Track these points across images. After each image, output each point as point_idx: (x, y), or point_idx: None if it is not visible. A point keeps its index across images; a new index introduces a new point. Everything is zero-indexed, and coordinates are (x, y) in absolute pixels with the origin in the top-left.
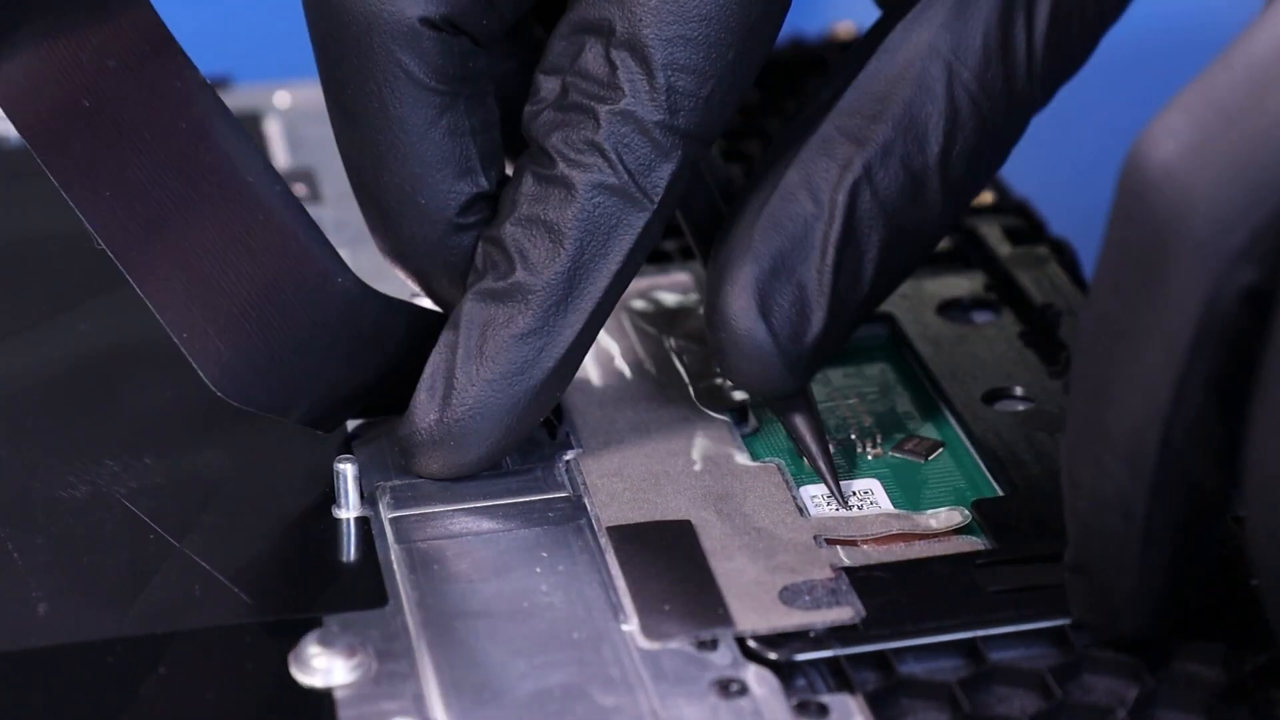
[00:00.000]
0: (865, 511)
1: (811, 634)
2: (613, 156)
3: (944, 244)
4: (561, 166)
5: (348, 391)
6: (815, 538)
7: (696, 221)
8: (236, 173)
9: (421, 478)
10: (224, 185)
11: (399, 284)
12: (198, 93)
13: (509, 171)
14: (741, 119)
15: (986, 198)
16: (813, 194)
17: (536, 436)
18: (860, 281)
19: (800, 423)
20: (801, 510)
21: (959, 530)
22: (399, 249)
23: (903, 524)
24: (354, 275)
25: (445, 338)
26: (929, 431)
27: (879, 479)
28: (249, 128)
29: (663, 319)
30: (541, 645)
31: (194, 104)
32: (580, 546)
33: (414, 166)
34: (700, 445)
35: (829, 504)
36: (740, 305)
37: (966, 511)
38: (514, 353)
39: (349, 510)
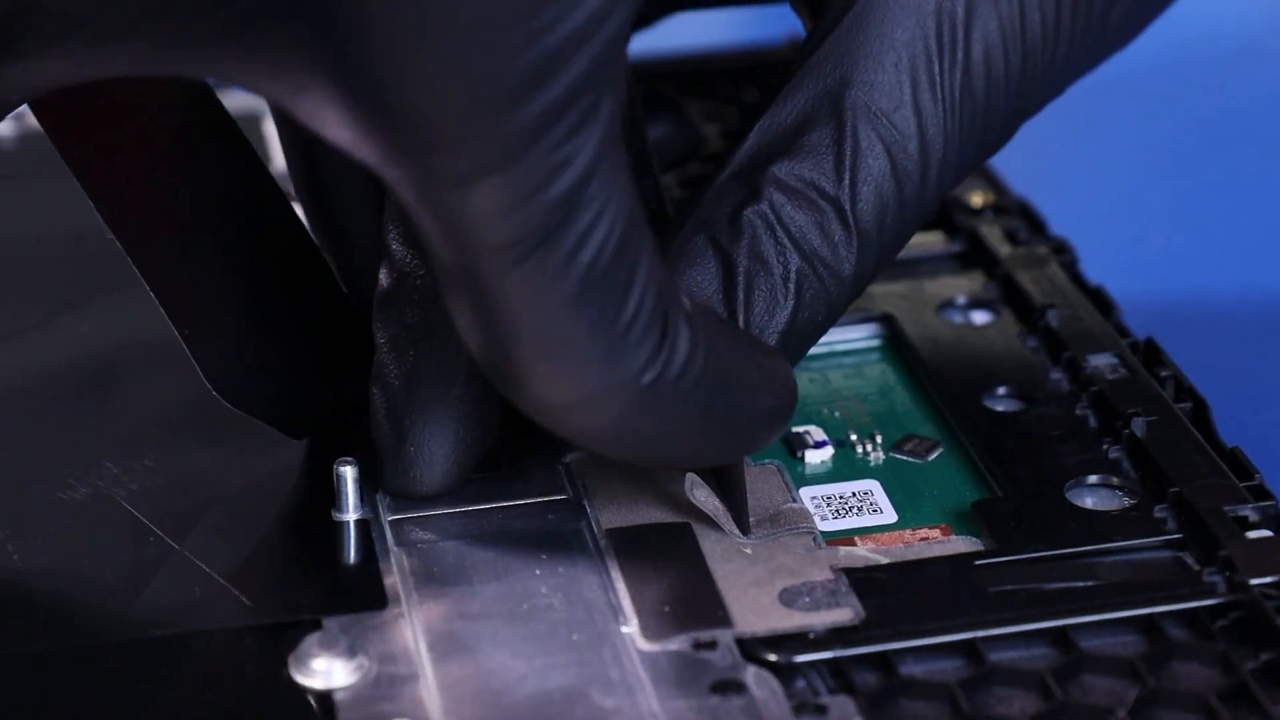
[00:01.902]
0: (863, 513)
1: (811, 635)
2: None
3: (944, 245)
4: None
5: (344, 400)
6: (814, 538)
7: None
8: (239, 176)
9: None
10: (230, 189)
11: None
12: (203, 94)
13: None
14: (739, 121)
15: (987, 198)
16: (724, 221)
17: (537, 438)
18: (776, 308)
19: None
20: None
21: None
22: None
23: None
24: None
25: None
26: (928, 432)
27: (878, 479)
28: (247, 130)
29: None
30: (541, 647)
31: (200, 106)
32: (580, 549)
33: None
34: None
35: (828, 505)
36: None
37: None
38: None
39: (349, 512)
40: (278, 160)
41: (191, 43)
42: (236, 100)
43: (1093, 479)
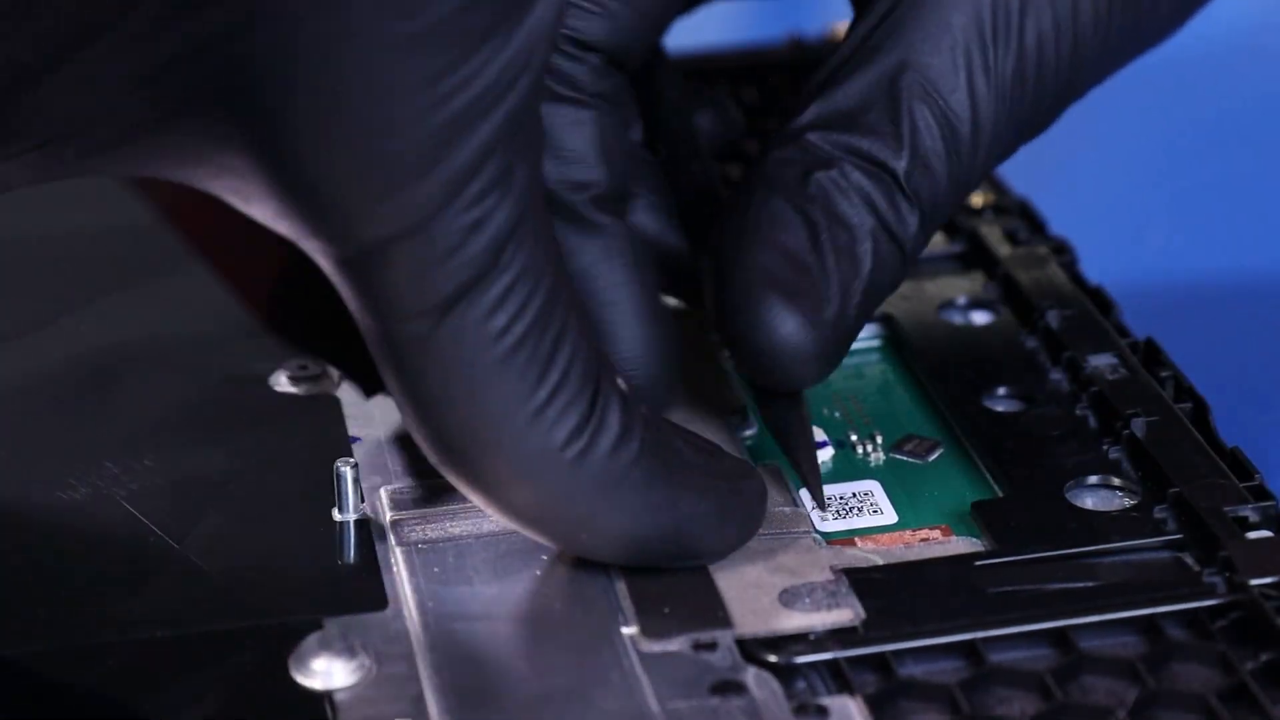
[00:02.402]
0: (864, 514)
1: (811, 636)
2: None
3: (944, 245)
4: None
5: None
6: (815, 539)
7: (687, 199)
8: None
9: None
10: None
11: None
12: None
13: None
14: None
15: (987, 198)
16: (796, 183)
17: None
18: (859, 264)
19: (795, 428)
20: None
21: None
22: None
23: None
24: None
25: None
26: (928, 432)
27: (878, 480)
28: None
29: None
30: (542, 648)
31: None
32: None
33: None
34: None
35: (829, 506)
36: (761, 291)
37: None
38: None
39: (349, 513)
40: None
41: (130, 135)
42: None
43: (1093, 479)
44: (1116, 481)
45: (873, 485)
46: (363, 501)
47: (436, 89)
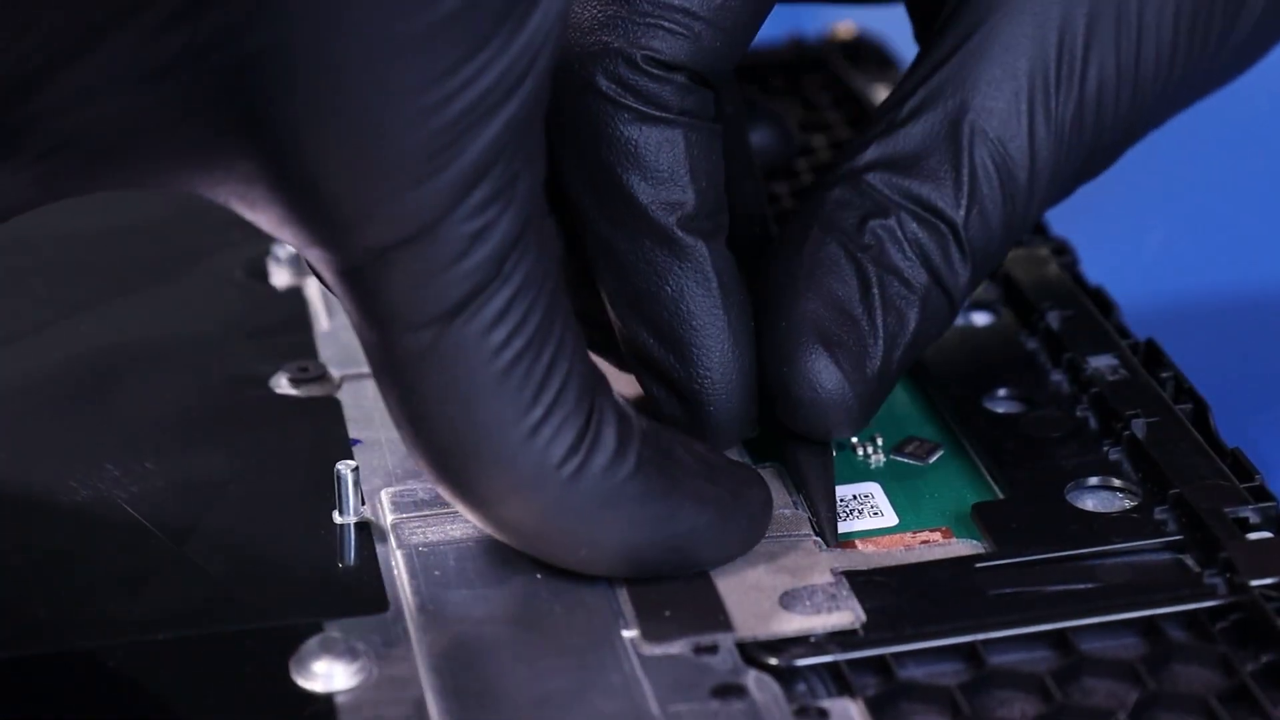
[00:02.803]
0: (864, 516)
1: (812, 639)
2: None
3: None
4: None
5: None
6: (815, 542)
7: (736, 217)
8: None
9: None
10: None
11: None
12: None
13: None
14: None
15: None
16: (852, 229)
17: None
18: (906, 319)
19: (817, 473)
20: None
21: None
22: None
23: None
24: None
25: None
26: (929, 434)
27: (878, 482)
28: None
29: None
30: (542, 651)
31: None
32: None
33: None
34: None
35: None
36: (807, 342)
37: None
38: None
39: (350, 515)
40: None
41: (132, 142)
42: None
43: (1093, 481)
44: (1117, 483)
45: (873, 487)
46: (363, 504)
47: (436, 91)
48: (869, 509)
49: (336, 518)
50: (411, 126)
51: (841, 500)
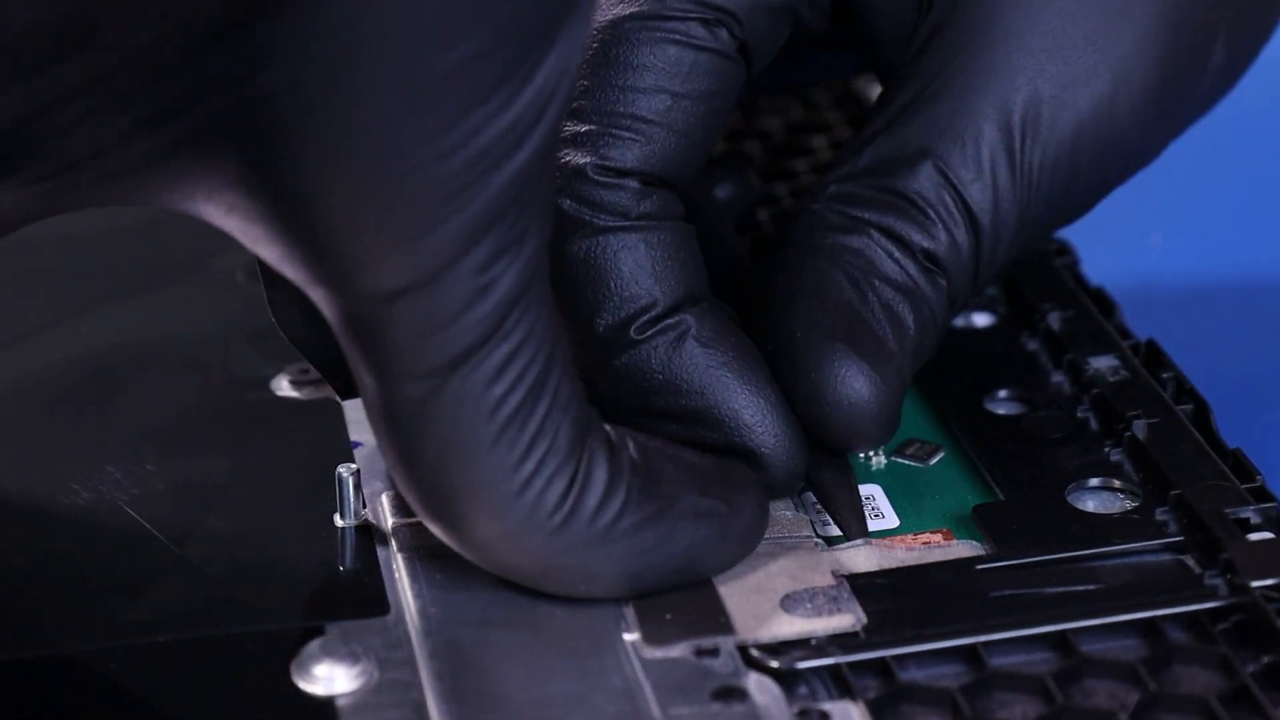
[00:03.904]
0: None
1: (813, 641)
2: None
3: None
4: None
5: None
6: (816, 544)
7: (716, 269)
8: None
9: None
10: None
11: None
12: None
13: None
14: (743, 121)
15: None
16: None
17: None
18: (903, 321)
19: (843, 491)
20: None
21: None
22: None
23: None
24: None
25: None
26: (930, 436)
27: (880, 484)
28: None
29: None
30: (543, 653)
31: None
32: None
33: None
34: None
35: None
36: (828, 345)
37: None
38: None
39: (351, 518)
40: None
41: (139, 170)
42: None
43: (1094, 482)
44: (1118, 484)
45: (874, 489)
46: (364, 507)
47: (447, 138)
48: (870, 511)
49: (337, 520)
50: (420, 172)
51: None
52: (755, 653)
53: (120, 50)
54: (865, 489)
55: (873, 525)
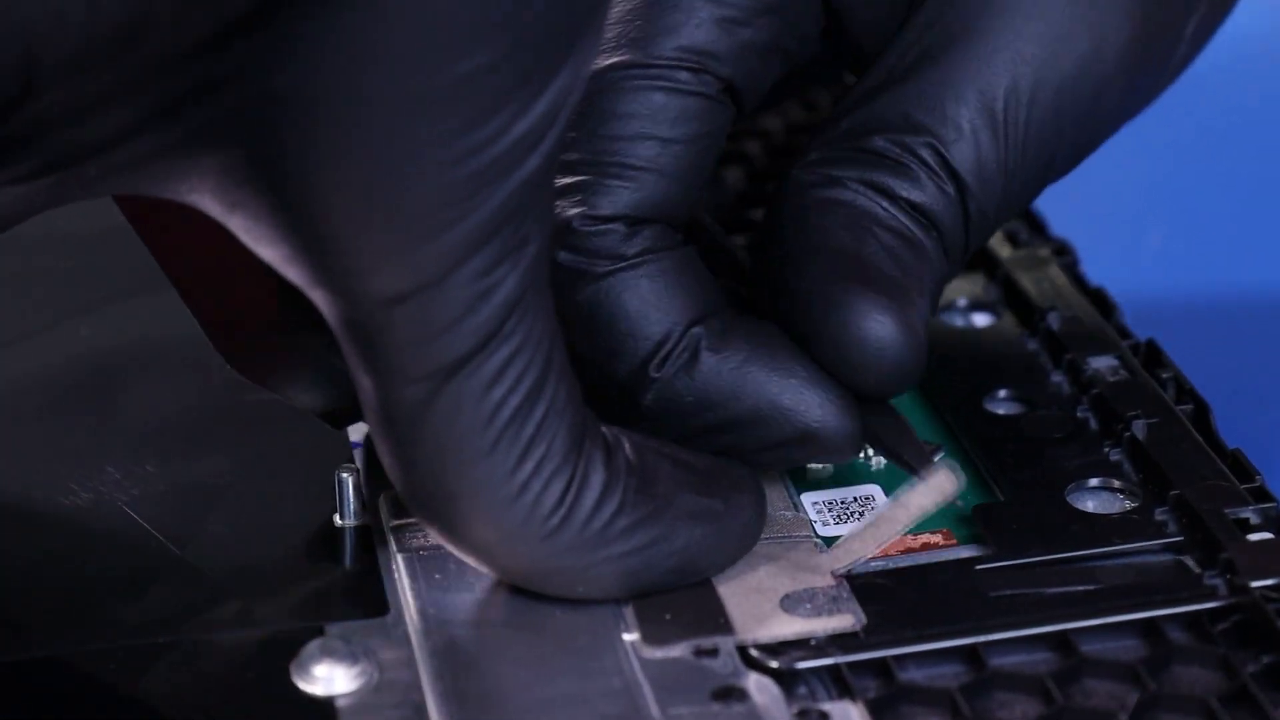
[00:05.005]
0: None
1: (812, 641)
2: None
3: None
4: None
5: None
6: (816, 544)
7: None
8: None
9: None
10: None
11: None
12: None
13: None
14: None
15: None
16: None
17: None
18: (907, 257)
19: (895, 433)
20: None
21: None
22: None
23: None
24: None
25: None
26: (929, 435)
27: (879, 484)
28: None
29: None
30: (543, 654)
31: None
32: None
33: None
34: None
35: (830, 510)
36: (845, 287)
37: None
38: None
39: (350, 518)
40: None
41: (146, 162)
42: None
43: (1094, 482)
44: (1117, 484)
45: (874, 490)
46: (364, 507)
47: (454, 148)
48: (870, 511)
49: (337, 521)
50: (428, 180)
51: (842, 502)
52: (755, 653)
53: (127, 40)
54: (865, 489)
55: None
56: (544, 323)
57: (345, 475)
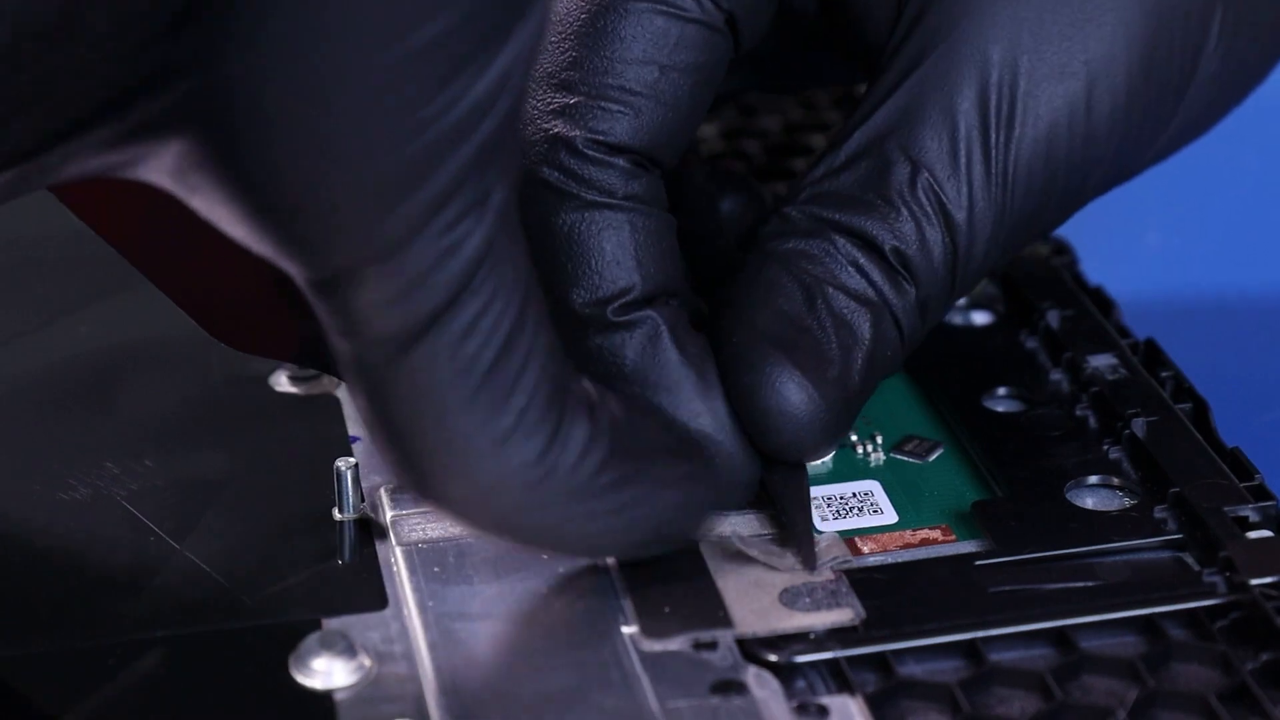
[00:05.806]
0: (864, 514)
1: (812, 635)
2: None
3: None
4: None
5: None
6: (816, 538)
7: (706, 279)
8: None
9: None
10: None
11: None
12: None
13: None
14: (741, 120)
15: None
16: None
17: None
18: (857, 330)
19: (793, 494)
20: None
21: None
22: None
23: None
24: None
25: None
26: (929, 432)
27: (878, 480)
28: None
29: None
30: (542, 647)
31: None
32: None
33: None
34: None
35: (829, 506)
36: (762, 350)
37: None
38: None
39: (349, 512)
40: None
41: (104, 151)
42: None
43: (1093, 479)
44: (1117, 481)
45: (873, 485)
46: (363, 501)
47: (413, 116)
48: (869, 507)
49: (336, 515)
50: (389, 152)
51: (841, 498)
52: (754, 646)
53: (96, 40)
54: (864, 485)
55: (871, 521)
56: (516, 272)
57: (344, 469)
